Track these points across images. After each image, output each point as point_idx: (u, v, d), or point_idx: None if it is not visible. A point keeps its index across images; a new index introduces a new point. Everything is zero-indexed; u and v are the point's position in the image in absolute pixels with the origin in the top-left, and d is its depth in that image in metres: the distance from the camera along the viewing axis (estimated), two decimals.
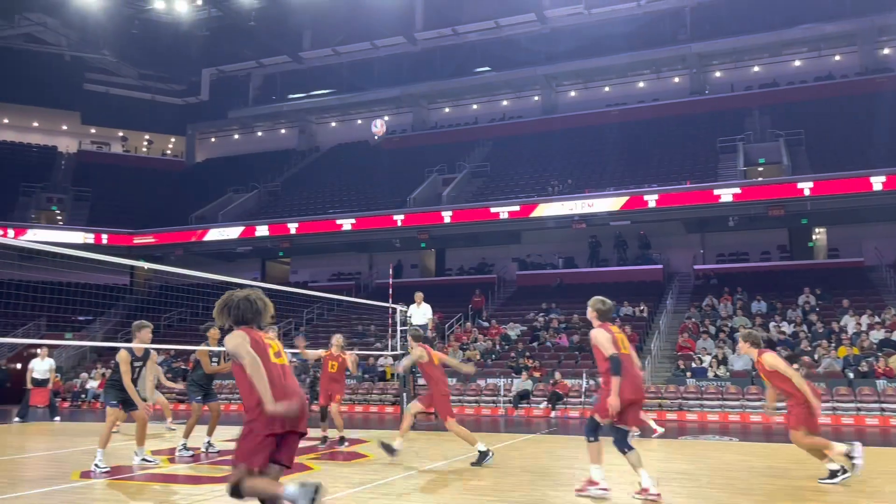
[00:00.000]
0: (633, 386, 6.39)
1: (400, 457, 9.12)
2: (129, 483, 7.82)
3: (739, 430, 14.68)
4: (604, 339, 6.43)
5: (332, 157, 38.06)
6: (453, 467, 8.82)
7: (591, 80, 35.39)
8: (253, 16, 33.72)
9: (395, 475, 8.09)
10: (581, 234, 26.57)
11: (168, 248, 30.95)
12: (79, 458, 10.00)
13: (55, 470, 8.89)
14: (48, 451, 11.28)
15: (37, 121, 40.48)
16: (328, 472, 8.37)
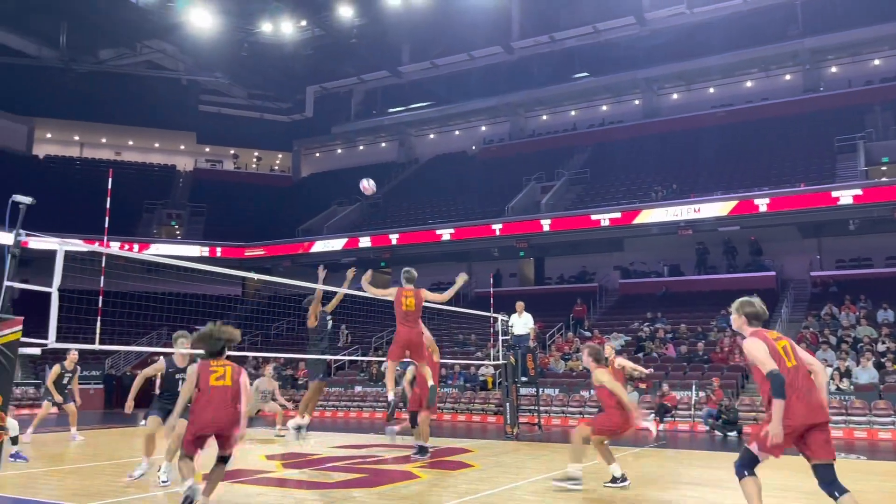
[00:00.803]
0: (807, 406, 4.98)
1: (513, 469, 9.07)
2: (248, 487, 8.15)
3: (867, 447, 13.70)
4: (759, 350, 5.11)
5: (431, 168, 38.59)
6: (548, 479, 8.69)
7: (694, 81, 34.25)
8: (354, 33, 34.76)
9: (502, 486, 8.07)
10: (687, 240, 25.68)
11: (276, 260, 32.27)
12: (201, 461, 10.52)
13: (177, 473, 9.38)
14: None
15: (157, 142, 43.29)
16: (433, 482, 8.45)
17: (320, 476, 8.90)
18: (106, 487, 7.95)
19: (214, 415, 6.20)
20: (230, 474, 8.74)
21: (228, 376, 6.36)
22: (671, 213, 24.50)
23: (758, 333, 5.29)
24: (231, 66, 38.02)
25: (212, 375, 6.29)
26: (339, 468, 9.47)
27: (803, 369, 5.15)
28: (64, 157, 40.98)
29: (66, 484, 8.21)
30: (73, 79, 36.88)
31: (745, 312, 5.45)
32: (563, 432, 16.53)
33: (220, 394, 6.26)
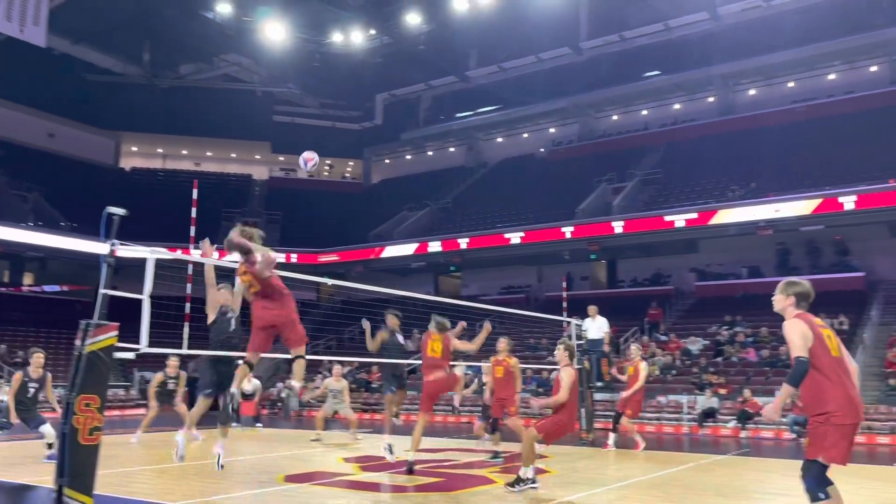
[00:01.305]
0: (857, 404, 4.61)
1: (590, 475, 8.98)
2: (329, 489, 8.31)
3: None
4: (796, 333, 4.67)
5: (500, 171, 38.53)
6: (638, 485, 8.52)
7: (772, 76, 33.01)
8: (422, 40, 35.07)
9: (578, 492, 7.97)
10: (767, 241, 24.80)
11: (349, 265, 32.85)
12: (282, 463, 10.83)
13: (263, 473, 9.66)
14: (255, 455, 12.29)
15: (234, 152, 44.76)
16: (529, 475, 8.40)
17: (398, 480, 8.99)
18: (194, 488, 8.24)
19: None
20: (307, 476, 8.93)
21: None
22: (750, 213, 23.72)
23: (802, 316, 4.85)
24: (303, 76, 38.98)
25: None
26: (416, 472, 9.55)
27: (845, 363, 4.74)
28: (148, 169, 42.88)
29: (157, 483, 8.57)
30: (156, 94, 38.58)
31: (795, 292, 4.97)
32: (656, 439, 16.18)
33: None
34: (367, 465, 10.23)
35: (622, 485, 8.61)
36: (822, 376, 4.58)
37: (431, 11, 33.18)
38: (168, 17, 32.95)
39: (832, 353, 4.67)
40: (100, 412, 6.14)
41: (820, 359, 4.61)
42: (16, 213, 30.89)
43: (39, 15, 26.86)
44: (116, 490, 7.61)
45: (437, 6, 32.58)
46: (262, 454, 12.23)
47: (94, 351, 6.17)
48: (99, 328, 6.24)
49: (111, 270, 6.47)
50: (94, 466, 6.03)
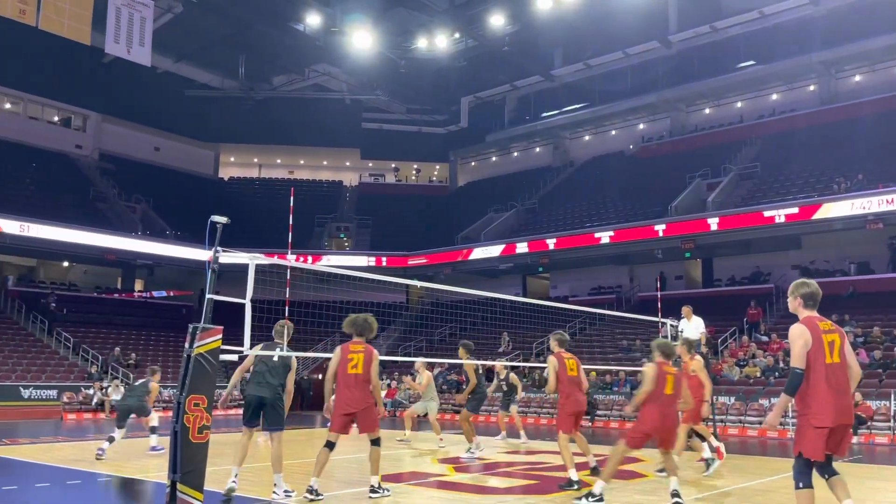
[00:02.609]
0: (838, 407, 4.84)
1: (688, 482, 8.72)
2: (425, 489, 8.42)
3: None
4: (797, 341, 4.93)
5: (587, 170, 37.96)
6: (742, 491, 8.21)
7: (880, 61, 30.99)
8: (506, 41, 35.01)
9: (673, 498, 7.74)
10: (877, 235, 23.37)
11: (438, 268, 33.16)
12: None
13: (358, 472, 9.89)
14: (350, 454, 12.58)
15: (326, 160, 46.07)
16: (606, 490, 8.26)
17: (491, 481, 9.02)
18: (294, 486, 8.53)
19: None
20: (401, 476, 9.09)
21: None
22: (858, 206, 22.42)
23: (807, 321, 5.03)
24: (390, 83, 39.67)
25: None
26: (510, 474, 9.55)
27: (843, 368, 4.95)
28: (245, 179, 44.74)
29: (260, 480, 8.92)
30: (252, 106, 40.20)
31: (801, 294, 5.19)
32: (741, 443, 15.58)
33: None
34: (460, 467, 10.29)
35: (720, 492, 8.31)
36: (814, 380, 4.85)
37: (515, 12, 33.06)
38: (261, 32, 34.28)
39: (828, 359, 4.89)
40: (208, 411, 6.46)
41: (815, 363, 4.87)
42: (126, 223, 32.92)
43: (144, 36, 28.49)
44: (223, 486, 7.96)
45: (521, 6, 32.44)
46: (354, 454, 12.50)
47: (202, 353, 6.50)
48: (205, 331, 6.57)
49: (215, 276, 6.80)
50: (204, 463, 6.36)
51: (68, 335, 27.25)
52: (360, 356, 7.26)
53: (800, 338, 4.92)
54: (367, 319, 7.44)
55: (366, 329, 7.41)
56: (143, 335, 30.28)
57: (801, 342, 4.90)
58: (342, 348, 7.35)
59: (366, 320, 7.43)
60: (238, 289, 7.20)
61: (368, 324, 7.42)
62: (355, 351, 7.29)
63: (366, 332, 7.42)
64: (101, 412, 22.04)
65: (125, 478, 9.14)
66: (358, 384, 7.24)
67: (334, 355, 7.33)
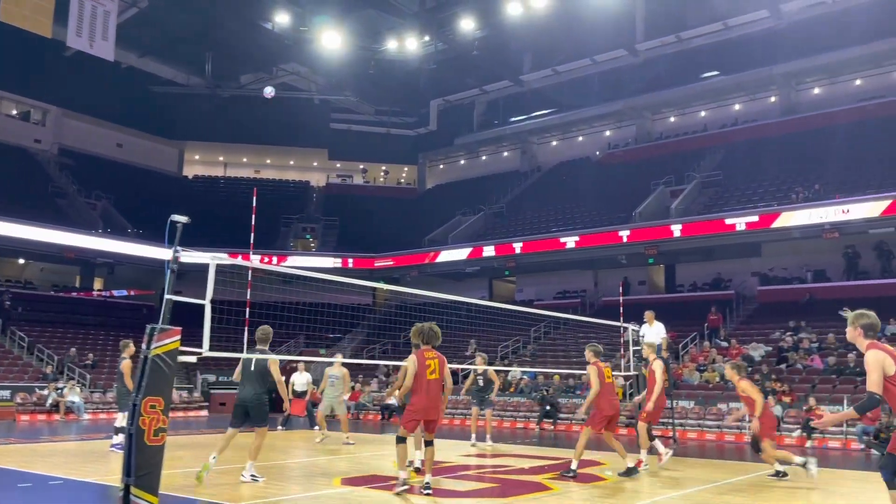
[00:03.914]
0: None
1: (647, 483, 8.84)
2: (381, 493, 8.39)
3: None
4: (876, 367, 5.06)
5: (554, 175, 38.26)
6: (695, 496, 8.34)
7: (838, 73, 31.82)
8: (476, 45, 35.11)
9: (636, 500, 7.85)
10: (833, 244, 23.95)
11: (404, 270, 33.10)
12: (338, 465, 10.98)
13: (320, 475, 9.82)
14: (310, 458, 12.50)
15: (293, 159, 45.71)
16: (565, 494, 8.34)
17: (452, 485, 9.02)
18: (254, 489, 8.44)
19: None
20: (363, 480, 9.05)
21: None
22: (815, 216, 22.94)
23: (876, 345, 5.16)
24: (359, 84, 39.52)
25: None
26: (471, 477, 9.57)
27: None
28: (210, 177, 44.16)
29: (217, 483, 8.80)
30: (218, 103, 39.68)
31: (862, 324, 5.28)
32: (700, 446, 15.84)
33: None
34: (421, 470, 10.26)
35: (681, 494, 8.43)
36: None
37: (485, 17, 33.20)
38: (229, 29, 33.88)
39: None
40: (164, 414, 6.37)
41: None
42: (86, 220, 32.24)
43: (108, 30, 27.96)
44: (180, 490, 7.85)
45: (491, 11, 32.59)
46: (317, 457, 12.42)
47: (159, 354, 6.40)
48: (163, 332, 6.48)
49: (174, 276, 6.70)
50: (160, 466, 6.26)
51: (23, 334, 26.57)
52: (436, 362, 7.91)
53: (878, 363, 5.00)
54: (433, 328, 8.04)
55: (432, 337, 7.99)
56: (102, 335, 29.66)
57: (879, 367, 4.99)
58: (418, 356, 7.87)
59: (431, 329, 8.04)
60: (202, 289, 7.10)
61: (434, 332, 8.02)
62: (430, 357, 7.89)
63: (432, 340, 7.99)
64: (56, 413, 21.53)
65: (79, 481, 8.94)
66: (437, 389, 7.90)
67: (410, 363, 7.83)
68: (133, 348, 12.35)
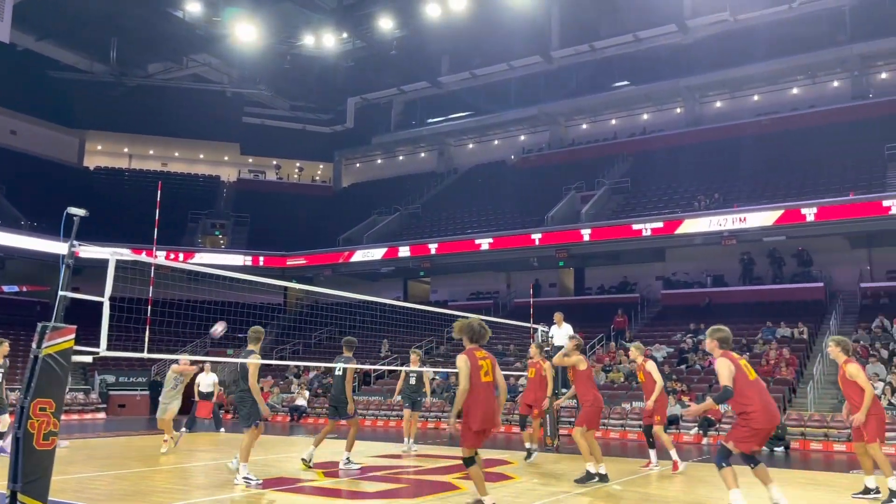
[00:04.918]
0: (771, 414, 6.55)
1: (553, 481, 9.00)
2: (293, 495, 8.23)
3: None
4: (724, 369, 6.50)
5: (470, 177, 38.66)
6: (595, 493, 8.59)
7: (738, 89, 33.70)
8: (394, 45, 35.05)
9: (542, 498, 8.00)
10: (731, 250, 25.22)
11: (318, 269, 32.62)
12: None
13: (222, 478, 9.53)
14: (214, 460, 12.12)
15: (203, 153, 44.25)
16: (474, 493, 8.41)
17: (361, 486, 8.95)
18: (151, 494, 8.11)
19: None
20: (269, 483, 8.84)
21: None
22: (715, 223, 24.09)
23: (726, 355, 6.64)
24: (274, 78, 38.70)
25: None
26: (380, 478, 9.52)
27: (762, 383, 6.78)
28: (113, 169, 42.13)
29: (114, 487, 8.41)
30: (123, 92, 37.94)
31: (717, 337, 6.75)
32: (604, 445, 16.32)
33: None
34: (330, 472, 10.14)
35: (586, 490, 8.66)
36: (747, 389, 6.50)
37: (404, 17, 33.20)
38: (136, 15, 32.43)
39: (750, 377, 6.57)
40: (55, 416, 6.01)
41: (743, 382, 6.50)
42: None
43: (3, 10, 26.28)
44: (72, 496, 7.46)
45: (410, 12, 32.62)
46: (223, 459, 12.07)
47: (51, 354, 6.04)
48: (56, 331, 6.11)
49: (70, 272, 6.35)
50: (49, 471, 5.91)
51: None
52: (488, 362, 6.77)
53: (724, 366, 6.50)
54: (483, 324, 6.93)
55: (483, 334, 6.87)
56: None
57: (727, 368, 6.48)
58: (469, 356, 6.69)
59: (481, 325, 6.91)
60: (103, 286, 6.76)
61: (485, 329, 6.91)
62: (482, 358, 6.75)
63: (483, 338, 6.86)
64: None
65: None
66: (492, 393, 6.76)
67: (463, 364, 6.63)
68: (7, 348, 11.59)
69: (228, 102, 40.38)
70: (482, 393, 6.61)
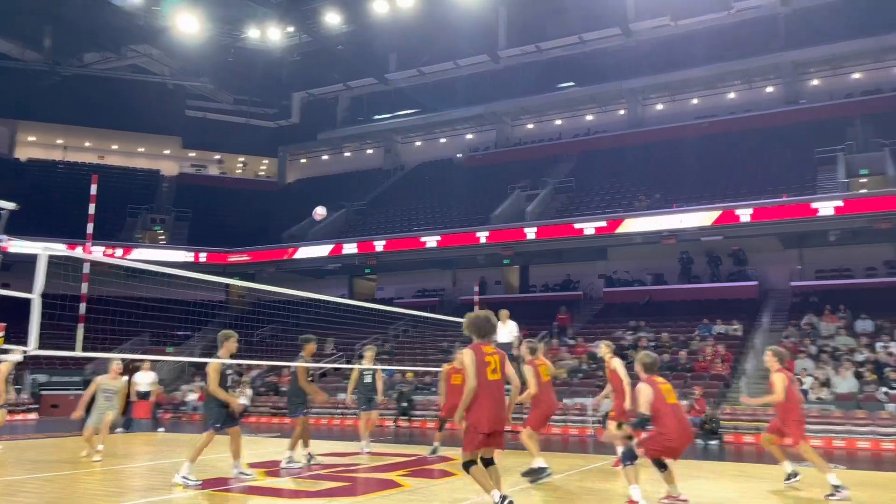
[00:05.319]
0: (684, 431, 7.24)
1: None
2: (232, 496, 8.11)
3: (846, 456, 13.86)
4: (644, 396, 7.13)
5: (417, 175, 38.65)
6: (530, 490, 8.72)
7: (678, 92, 34.60)
8: (341, 40, 34.77)
9: (482, 494, 8.08)
10: (671, 250, 25.87)
11: (261, 266, 32.11)
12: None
13: (160, 480, 9.32)
14: (152, 461, 11.84)
15: (142, 146, 43.02)
16: (417, 490, 8.45)
17: (302, 485, 8.88)
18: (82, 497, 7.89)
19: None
20: (207, 483, 8.69)
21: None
22: (655, 223, 24.66)
23: (650, 381, 7.23)
24: (217, 71, 37.92)
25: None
26: (322, 476, 9.45)
27: (679, 405, 7.35)
28: (46, 161, 40.57)
29: (45, 491, 8.14)
30: (58, 82, 36.58)
31: (643, 363, 7.35)
32: (546, 440, 16.57)
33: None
34: (271, 471, 10.03)
35: (515, 489, 8.77)
36: (664, 415, 7.11)
37: (351, 12, 32.95)
38: (72, 3, 31.37)
39: (668, 400, 7.16)
40: None
41: (661, 406, 7.11)
42: None
43: None
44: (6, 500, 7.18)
45: (357, 7, 32.39)
46: (159, 460, 11.79)
47: None
48: None
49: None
50: None
51: None
52: (496, 358, 6.26)
53: (645, 394, 7.13)
54: (490, 318, 6.43)
55: (490, 329, 6.41)
56: None
57: (646, 397, 7.11)
58: (475, 351, 6.20)
59: (488, 319, 6.42)
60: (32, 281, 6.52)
61: (492, 323, 6.43)
62: (490, 353, 6.24)
63: (490, 332, 6.40)
64: None
65: None
66: (501, 391, 6.27)
67: (468, 359, 6.15)
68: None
69: (170, 95, 39.41)
70: (489, 392, 6.10)
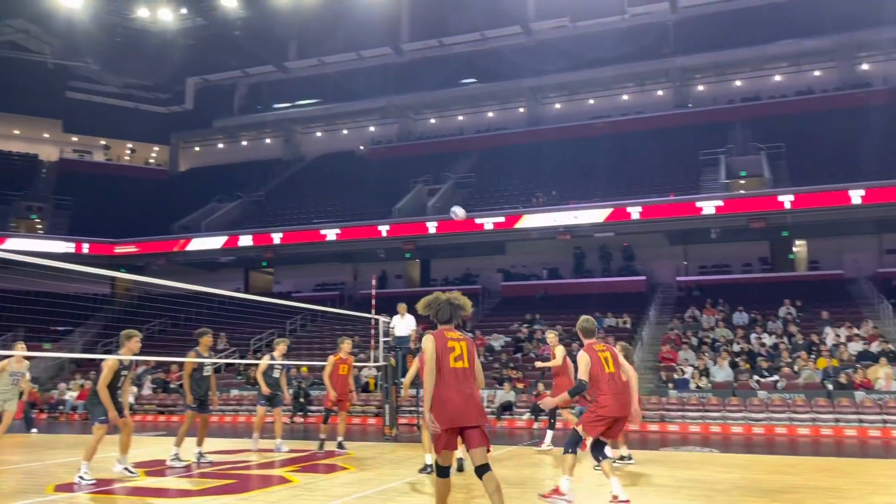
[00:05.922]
0: (619, 403, 6.88)
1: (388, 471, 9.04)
2: (113, 497, 7.68)
3: (720, 441, 14.72)
4: (582, 362, 6.96)
5: (317, 166, 37.99)
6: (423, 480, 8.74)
7: (576, 92, 35.65)
8: (238, 25, 33.70)
9: (374, 487, 8.03)
10: (566, 245, 26.65)
11: (150, 258, 30.68)
12: (54, 471, 9.84)
13: (30, 483, 8.72)
14: (23, 463, 11.07)
15: (18, 129, 40.09)
16: (305, 485, 8.29)
17: (185, 484, 8.53)
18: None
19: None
20: (98, 483, 8.20)
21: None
22: (551, 219, 25.31)
23: (587, 348, 7.04)
24: (103, 51, 35.85)
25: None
26: (207, 475, 9.12)
27: (619, 374, 6.99)
28: None
29: None
30: None
31: (580, 328, 7.23)
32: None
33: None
34: (152, 470, 9.57)
35: (405, 482, 8.78)
36: (601, 381, 6.91)
37: None
38: None
39: (606, 370, 6.93)
40: None
41: (599, 373, 6.91)
42: None
43: None
44: None
45: None
46: (31, 462, 11.04)
47: None
48: None
49: None
50: None
51: None
52: (462, 345, 5.39)
53: (583, 359, 6.96)
54: (456, 299, 5.52)
55: (454, 312, 5.49)
56: None
57: (584, 361, 6.94)
58: (436, 336, 5.35)
59: (450, 301, 5.51)
60: None
61: (457, 304, 5.51)
62: (454, 339, 5.38)
63: (455, 316, 5.49)
64: None
65: None
66: (468, 381, 5.31)
67: (430, 344, 5.30)
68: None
69: (50, 75, 36.99)
70: (452, 381, 5.26)
